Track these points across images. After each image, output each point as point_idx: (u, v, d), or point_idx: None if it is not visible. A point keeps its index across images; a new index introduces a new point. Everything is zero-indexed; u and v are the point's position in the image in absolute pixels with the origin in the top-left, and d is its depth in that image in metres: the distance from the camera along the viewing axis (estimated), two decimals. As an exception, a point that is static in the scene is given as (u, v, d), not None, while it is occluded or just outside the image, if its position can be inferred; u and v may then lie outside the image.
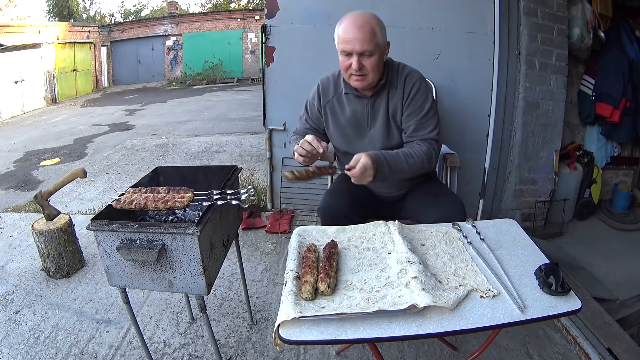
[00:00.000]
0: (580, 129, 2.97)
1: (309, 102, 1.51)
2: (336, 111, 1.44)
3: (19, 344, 1.63)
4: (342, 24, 1.28)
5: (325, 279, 0.90)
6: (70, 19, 15.41)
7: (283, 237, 2.45)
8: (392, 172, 1.27)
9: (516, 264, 0.99)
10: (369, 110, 1.40)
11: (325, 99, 1.46)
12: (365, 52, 1.26)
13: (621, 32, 2.70)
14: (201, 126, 6.60)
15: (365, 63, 1.27)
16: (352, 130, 1.44)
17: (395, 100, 1.38)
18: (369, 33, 1.24)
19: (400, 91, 1.37)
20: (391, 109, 1.39)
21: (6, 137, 6.79)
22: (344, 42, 1.27)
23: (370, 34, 1.24)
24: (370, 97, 1.39)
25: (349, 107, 1.42)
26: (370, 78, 1.31)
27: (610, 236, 2.79)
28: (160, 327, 1.71)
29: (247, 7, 18.79)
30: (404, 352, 1.53)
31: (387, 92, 1.38)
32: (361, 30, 1.24)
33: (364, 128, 1.43)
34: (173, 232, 1.07)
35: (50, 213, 2.06)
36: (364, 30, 1.24)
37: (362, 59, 1.27)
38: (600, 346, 1.53)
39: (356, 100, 1.41)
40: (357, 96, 1.40)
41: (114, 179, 3.86)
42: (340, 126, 1.45)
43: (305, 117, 1.52)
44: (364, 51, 1.25)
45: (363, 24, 1.25)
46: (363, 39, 1.24)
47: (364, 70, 1.28)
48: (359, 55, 1.26)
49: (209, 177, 1.48)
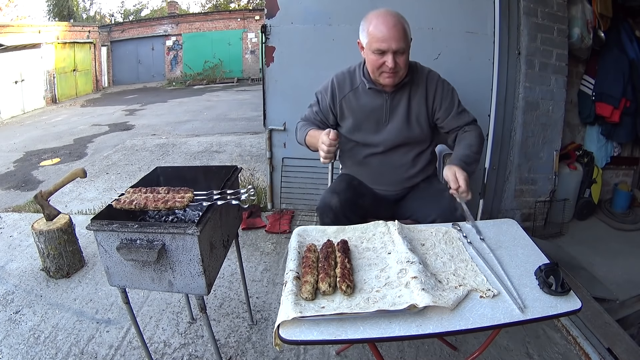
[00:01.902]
0: (580, 129, 2.97)
1: (320, 95, 1.52)
2: (353, 106, 1.46)
3: (19, 344, 1.63)
4: (372, 23, 1.30)
5: (325, 278, 0.90)
6: (70, 19, 15.41)
7: (283, 237, 2.45)
8: (471, 167, 1.32)
9: (516, 264, 0.99)
10: (388, 105, 1.43)
11: (342, 94, 1.47)
12: (400, 50, 1.29)
13: (621, 32, 2.70)
14: (201, 126, 6.60)
15: (399, 60, 1.31)
16: (369, 125, 1.46)
17: (418, 97, 1.42)
18: (402, 31, 1.28)
19: (423, 89, 1.42)
20: (413, 106, 1.43)
21: (6, 137, 6.79)
22: (379, 41, 1.29)
23: (403, 32, 1.29)
24: (391, 93, 1.42)
25: (367, 101, 1.44)
26: (401, 74, 1.36)
27: (610, 236, 2.79)
28: (160, 327, 1.71)
29: (247, 7, 18.79)
30: (404, 352, 1.53)
31: (409, 89, 1.42)
32: (395, 29, 1.27)
33: (382, 123, 1.45)
34: (173, 232, 1.07)
35: (50, 213, 2.06)
36: (398, 28, 1.27)
37: (397, 56, 1.30)
38: (600, 346, 1.53)
39: (375, 95, 1.43)
40: (376, 91, 1.42)
41: (114, 179, 3.86)
42: (357, 120, 1.47)
43: (315, 109, 1.53)
44: (399, 49, 1.29)
45: (396, 23, 1.28)
46: (398, 37, 1.27)
47: (397, 67, 1.31)
48: (394, 54, 1.29)
49: (209, 177, 1.48)
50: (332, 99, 1.48)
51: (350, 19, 2.37)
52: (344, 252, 1.02)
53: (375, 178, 1.53)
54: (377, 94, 1.43)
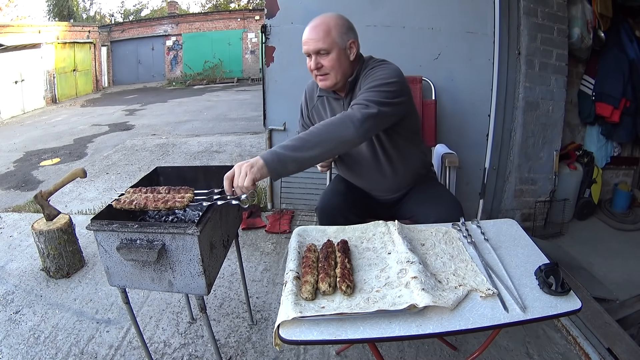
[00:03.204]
0: (580, 129, 2.97)
1: (302, 107, 1.54)
2: (321, 115, 1.46)
3: (19, 344, 1.63)
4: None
5: (325, 278, 0.90)
6: (70, 19, 15.42)
7: (283, 237, 2.45)
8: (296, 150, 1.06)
9: (516, 264, 0.99)
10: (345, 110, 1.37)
11: (311, 103, 1.49)
12: (321, 51, 1.28)
13: (621, 32, 2.70)
14: (201, 126, 6.60)
15: (323, 62, 1.29)
16: None
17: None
18: (323, 32, 1.26)
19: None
20: None
21: (6, 137, 6.79)
22: (303, 44, 1.30)
23: (324, 33, 1.26)
24: (346, 97, 1.38)
25: (330, 109, 1.43)
26: (332, 77, 1.31)
27: (610, 236, 2.79)
28: (160, 327, 1.71)
29: (247, 7, 18.80)
30: (404, 352, 1.53)
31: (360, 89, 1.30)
32: (314, 30, 1.27)
33: None
34: (173, 232, 1.07)
35: (50, 213, 2.06)
36: (317, 30, 1.27)
37: (320, 58, 1.29)
38: (600, 346, 1.52)
39: (334, 102, 1.42)
40: (335, 98, 1.41)
41: (114, 179, 3.86)
42: None
43: (301, 122, 1.56)
44: (318, 50, 1.27)
45: (318, 25, 1.28)
46: (317, 38, 1.27)
47: (324, 69, 1.30)
48: (316, 55, 1.29)
49: (209, 177, 1.48)
50: (307, 109, 1.50)
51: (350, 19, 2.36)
52: (344, 252, 1.02)
53: (368, 184, 1.51)
54: (336, 100, 1.41)
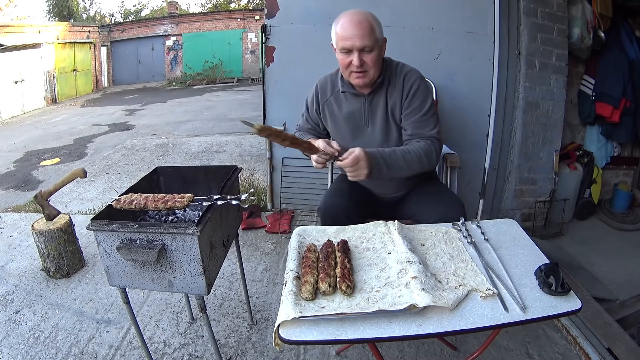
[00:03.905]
0: (580, 129, 2.97)
1: (308, 101, 1.52)
2: (334, 110, 1.45)
3: (19, 344, 1.63)
4: (339, 22, 1.29)
5: (325, 278, 0.90)
6: (70, 19, 15.40)
7: (283, 237, 2.45)
8: (389, 168, 1.26)
9: (516, 264, 0.99)
10: (367, 108, 1.40)
11: (324, 98, 1.47)
12: (365, 48, 1.27)
13: (621, 32, 2.70)
14: (201, 126, 6.60)
15: (366, 59, 1.28)
16: (349, 129, 1.44)
17: (394, 98, 1.38)
18: (368, 28, 1.26)
19: (399, 89, 1.37)
20: (390, 108, 1.39)
21: (6, 137, 6.79)
22: (343, 40, 1.28)
23: (369, 30, 1.26)
24: (368, 96, 1.39)
25: (346, 105, 1.43)
26: (371, 74, 1.32)
27: (610, 236, 2.79)
28: (160, 327, 1.71)
29: (247, 7, 18.79)
30: (404, 352, 1.53)
31: (386, 90, 1.38)
32: (360, 26, 1.25)
33: (361, 127, 1.43)
34: (173, 232, 1.07)
35: (50, 213, 2.06)
36: (363, 26, 1.25)
37: (363, 55, 1.28)
38: (600, 346, 1.53)
39: (353, 98, 1.41)
40: (354, 94, 1.41)
41: (114, 179, 3.86)
42: (338, 125, 1.45)
43: (305, 116, 1.54)
44: (364, 47, 1.26)
45: (361, 20, 1.26)
46: (362, 34, 1.25)
47: (365, 66, 1.29)
48: (360, 52, 1.27)
49: (209, 177, 1.48)
50: (317, 104, 1.48)
51: (350, 19, 2.37)
52: (344, 252, 1.02)
53: (369, 183, 1.51)
54: (355, 97, 1.41)
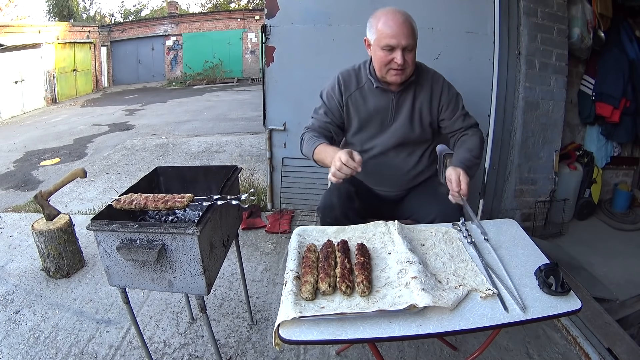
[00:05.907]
0: (580, 129, 2.97)
1: (327, 94, 1.48)
2: (359, 104, 1.46)
3: (19, 344, 1.63)
4: (381, 20, 1.31)
5: (325, 278, 0.90)
6: (70, 19, 15.40)
7: (283, 237, 2.45)
8: (471, 171, 1.32)
9: (516, 264, 0.99)
10: (394, 104, 1.43)
11: (347, 92, 1.46)
12: (408, 47, 1.31)
13: (621, 32, 2.70)
14: (201, 126, 6.60)
15: (407, 57, 1.32)
16: (374, 124, 1.46)
17: (422, 97, 1.43)
18: (411, 28, 1.31)
19: (428, 89, 1.43)
20: (417, 106, 1.43)
21: (6, 137, 6.79)
22: (388, 37, 1.30)
23: (412, 29, 1.31)
24: (397, 93, 1.42)
25: (372, 100, 1.44)
26: (408, 72, 1.36)
27: (610, 236, 2.79)
28: (160, 327, 1.71)
29: (247, 7, 18.80)
30: (404, 352, 1.53)
31: (414, 89, 1.43)
32: (404, 25, 1.29)
33: (386, 123, 1.46)
34: (173, 232, 1.07)
35: (50, 213, 2.06)
36: (407, 25, 1.30)
37: (405, 53, 1.31)
38: (600, 346, 1.53)
39: (381, 94, 1.43)
40: (383, 90, 1.42)
41: (114, 179, 3.86)
42: (362, 120, 1.47)
43: (324, 110, 1.47)
44: (407, 45, 1.30)
45: (405, 20, 1.30)
46: (408, 33, 1.29)
47: (405, 64, 1.32)
48: (403, 50, 1.30)
49: (209, 177, 1.48)
50: (340, 96, 1.45)
51: (350, 19, 2.37)
52: (344, 252, 1.02)
53: (376, 179, 1.52)
54: (384, 93, 1.43)
